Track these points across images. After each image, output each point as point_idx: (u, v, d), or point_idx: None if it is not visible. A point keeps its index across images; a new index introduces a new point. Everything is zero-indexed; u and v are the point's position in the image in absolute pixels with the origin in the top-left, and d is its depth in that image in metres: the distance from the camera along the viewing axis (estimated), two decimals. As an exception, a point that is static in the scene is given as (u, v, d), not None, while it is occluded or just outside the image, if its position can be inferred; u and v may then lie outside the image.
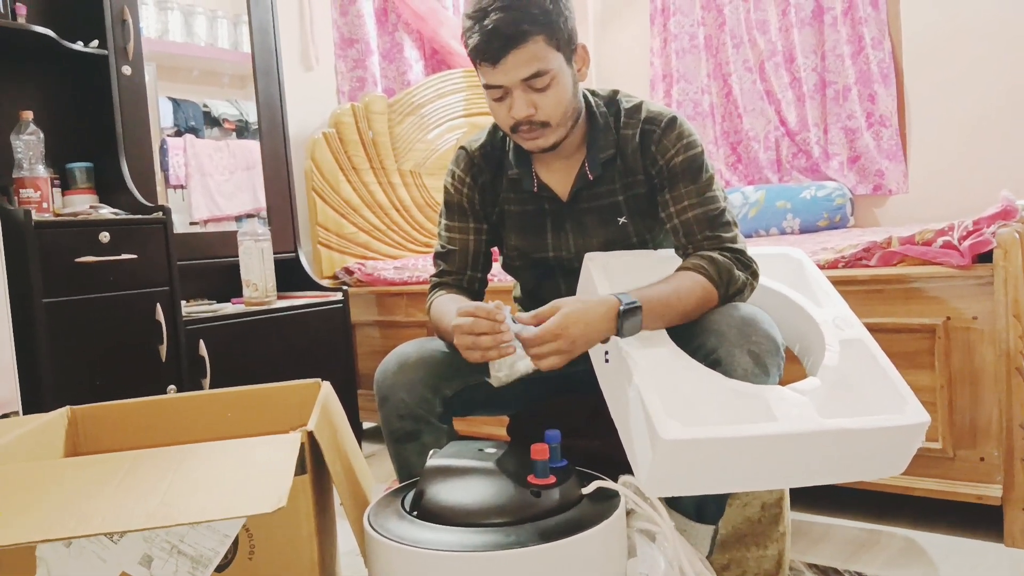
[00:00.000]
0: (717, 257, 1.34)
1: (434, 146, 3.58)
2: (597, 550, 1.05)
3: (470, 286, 1.54)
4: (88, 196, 2.34)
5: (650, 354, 1.22)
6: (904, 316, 1.81)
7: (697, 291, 1.31)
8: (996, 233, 1.68)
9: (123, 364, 2.11)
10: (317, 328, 2.63)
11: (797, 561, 1.70)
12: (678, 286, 1.30)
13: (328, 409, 1.31)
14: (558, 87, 1.33)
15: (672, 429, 1.09)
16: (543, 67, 1.30)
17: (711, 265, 1.32)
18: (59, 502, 0.97)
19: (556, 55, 1.32)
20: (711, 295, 1.32)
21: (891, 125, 3.25)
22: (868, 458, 1.20)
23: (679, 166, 1.39)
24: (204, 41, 2.85)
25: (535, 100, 1.33)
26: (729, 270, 1.33)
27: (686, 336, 1.30)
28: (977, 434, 1.74)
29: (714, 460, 1.14)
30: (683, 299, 1.29)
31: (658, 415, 1.10)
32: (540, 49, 1.29)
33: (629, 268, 1.40)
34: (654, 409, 1.11)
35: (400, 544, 1.03)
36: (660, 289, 1.29)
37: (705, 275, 1.32)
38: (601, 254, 1.43)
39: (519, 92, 1.32)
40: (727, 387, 1.20)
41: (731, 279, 1.33)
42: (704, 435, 1.10)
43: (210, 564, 1.00)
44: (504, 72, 1.30)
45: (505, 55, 1.28)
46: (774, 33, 3.50)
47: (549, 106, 1.33)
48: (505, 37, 1.27)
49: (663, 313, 1.27)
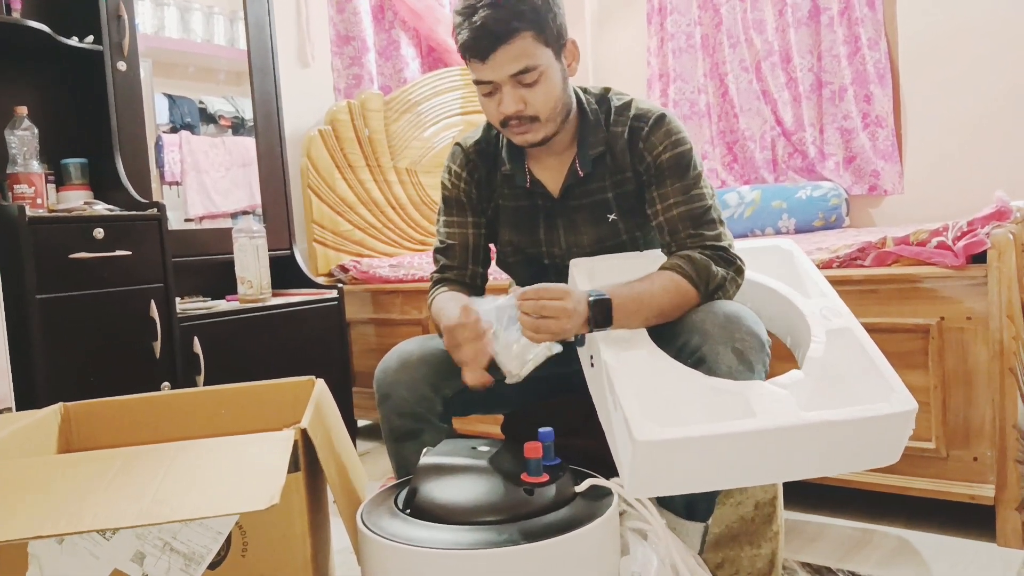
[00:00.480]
0: (694, 255, 1.34)
1: (430, 144, 3.57)
2: (590, 548, 1.05)
3: (472, 281, 1.54)
4: (83, 192, 2.33)
5: (628, 356, 1.22)
6: (898, 316, 1.81)
7: (671, 289, 1.30)
8: (990, 234, 1.69)
9: (117, 361, 2.10)
10: (312, 326, 2.63)
11: (791, 560, 1.70)
12: (651, 284, 1.30)
13: (322, 407, 1.31)
14: (547, 82, 1.34)
15: (647, 431, 1.08)
16: (532, 63, 1.31)
17: (688, 263, 1.32)
18: (52, 499, 0.96)
19: (545, 51, 1.32)
20: (688, 293, 1.31)
21: (887, 125, 3.25)
22: (857, 449, 1.20)
23: (666, 163, 1.39)
24: (200, 37, 2.84)
25: (524, 95, 1.33)
26: (707, 267, 1.32)
27: (670, 335, 1.30)
28: (970, 434, 1.75)
29: (694, 459, 1.13)
30: (656, 296, 1.29)
31: (634, 417, 1.10)
32: (528, 45, 1.30)
33: (614, 271, 1.40)
34: (631, 411, 1.11)
35: (393, 542, 1.03)
36: (632, 286, 1.29)
37: (681, 273, 1.31)
38: (587, 259, 1.44)
39: (508, 87, 1.33)
40: (707, 385, 1.19)
41: (709, 276, 1.32)
42: (680, 435, 1.09)
43: (203, 561, 1.00)
44: (493, 68, 1.31)
45: (494, 51, 1.29)
46: (771, 33, 3.50)
47: (538, 101, 1.34)
48: (494, 34, 1.28)
49: (636, 310, 1.27)
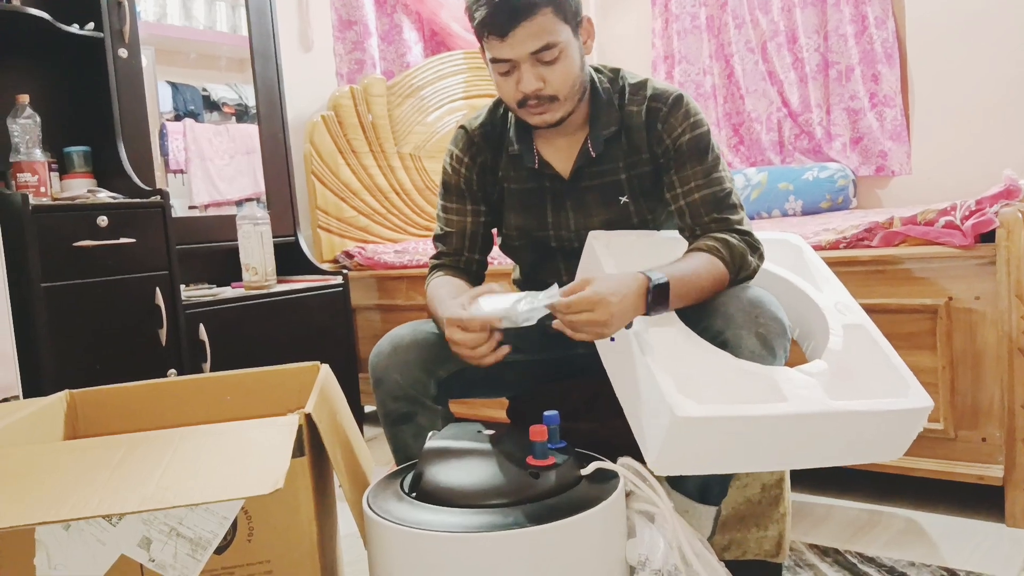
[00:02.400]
0: (732, 240, 1.32)
1: (434, 128, 3.56)
2: (596, 531, 1.05)
3: (467, 267, 1.52)
4: (86, 180, 2.33)
5: (660, 333, 1.21)
6: (906, 297, 1.80)
7: (714, 272, 1.29)
8: (999, 213, 1.67)
9: (122, 348, 2.10)
10: (317, 312, 2.63)
11: (798, 542, 1.70)
12: (696, 266, 1.28)
13: (327, 392, 1.31)
14: (566, 60, 1.31)
15: (687, 407, 1.08)
16: (552, 40, 1.28)
17: (725, 248, 1.31)
18: (58, 485, 0.96)
19: (564, 27, 1.30)
20: (724, 278, 1.31)
21: (895, 105, 3.22)
22: (871, 441, 1.21)
23: (685, 146, 1.37)
24: (203, 24, 2.83)
25: (543, 74, 1.30)
26: (743, 255, 1.32)
27: (693, 318, 1.29)
28: (979, 415, 1.74)
29: (725, 439, 1.14)
30: (702, 279, 1.27)
31: (671, 393, 1.10)
32: (549, 21, 1.27)
33: (633, 247, 1.39)
34: (667, 388, 1.11)
35: (399, 525, 1.03)
36: (682, 268, 1.26)
37: (720, 257, 1.30)
38: (604, 232, 1.42)
39: (527, 66, 1.30)
40: (736, 367, 1.19)
41: (743, 264, 1.32)
42: (718, 413, 1.10)
43: (209, 546, 1.00)
44: (512, 46, 1.28)
45: (514, 28, 1.26)
46: (776, 13, 3.47)
47: (558, 80, 1.31)
48: (513, 9, 1.25)
49: (685, 294, 1.25)
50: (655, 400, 1.13)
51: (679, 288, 1.23)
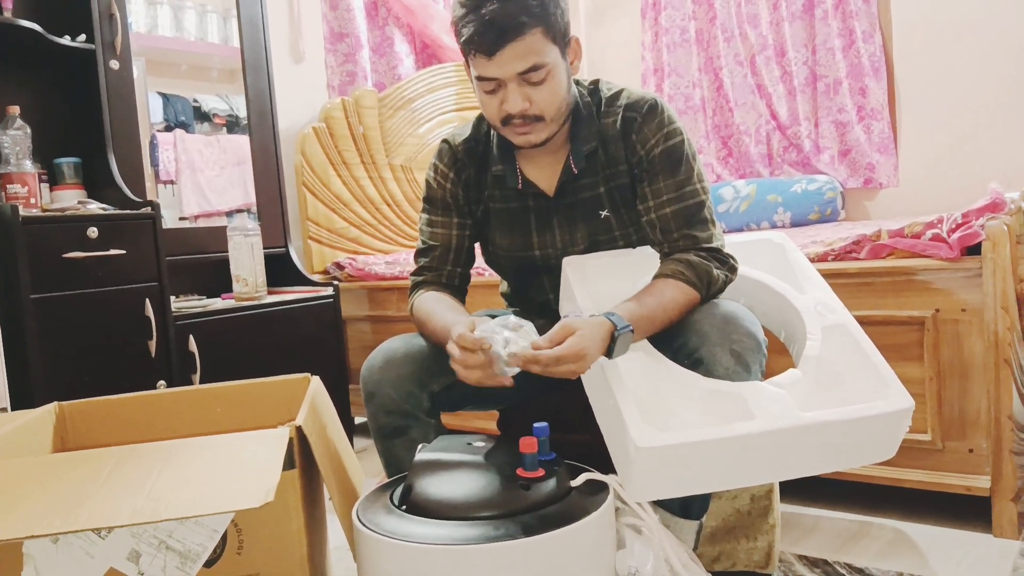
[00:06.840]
0: (693, 259, 1.33)
1: (425, 140, 3.56)
2: (585, 542, 1.05)
3: (449, 281, 1.51)
4: (76, 192, 2.32)
5: (627, 359, 1.22)
6: (893, 308, 1.81)
7: (680, 299, 1.30)
8: (985, 225, 1.69)
9: (112, 360, 2.09)
10: (308, 323, 2.62)
11: (787, 553, 1.70)
12: (662, 299, 1.29)
13: (317, 404, 1.31)
14: (554, 81, 1.30)
15: (648, 436, 1.09)
16: (540, 60, 1.27)
17: (689, 269, 1.32)
18: (47, 498, 0.96)
19: (552, 48, 1.29)
20: (693, 299, 1.32)
21: (882, 118, 3.25)
22: (855, 446, 1.20)
23: (658, 157, 1.37)
24: (194, 35, 2.83)
25: (530, 94, 1.30)
26: (708, 271, 1.33)
27: (668, 336, 1.30)
28: (966, 426, 1.75)
29: (694, 462, 1.14)
30: (668, 311, 1.29)
31: (634, 423, 1.10)
32: (537, 42, 1.26)
33: (608, 271, 1.40)
34: (630, 417, 1.11)
35: (389, 538, 1.03)
36: (648, 305, 1.27)
37: (685, 280, 1.31)
38: (578, 258, 1.42)
39: (514, 85, 1.29)
40: (705, 387, 1.20)
41: (711, 280, 1.33)
42: (679, 440, 1.10)
43: (198, 559, 1.00)
44: (500, 65, 1.27)
45: (502, 47, 1.25)
46: (765, 27, 3.50)
47: (544, 100, 1.31)
48: (502, 29, 1.23)
49: (650, 329, 1.27)
50: (620, 430, 1.13)
51: (645, 326, 1.25)
